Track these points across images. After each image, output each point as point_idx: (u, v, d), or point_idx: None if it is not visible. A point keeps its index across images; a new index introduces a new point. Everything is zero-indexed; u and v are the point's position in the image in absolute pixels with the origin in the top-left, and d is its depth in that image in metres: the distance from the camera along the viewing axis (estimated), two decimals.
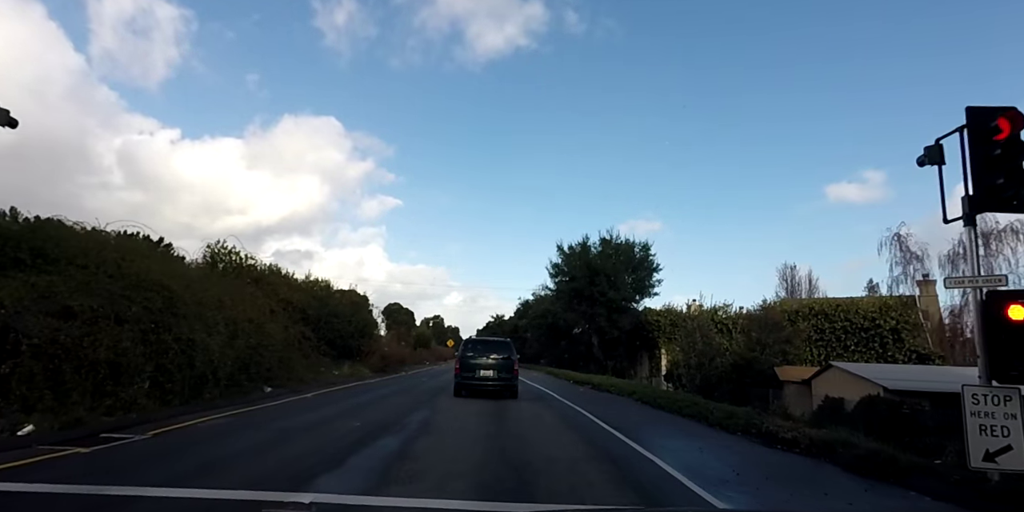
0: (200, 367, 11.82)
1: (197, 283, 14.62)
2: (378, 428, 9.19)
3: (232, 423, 9.59)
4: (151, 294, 11.55)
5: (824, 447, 8.02)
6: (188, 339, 11.87)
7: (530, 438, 8.69)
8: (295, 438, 8.21)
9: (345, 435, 8.46)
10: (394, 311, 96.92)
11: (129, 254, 12.96)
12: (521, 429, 9.58)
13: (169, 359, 10.97)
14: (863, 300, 31.55)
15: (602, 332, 37.16)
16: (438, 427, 9.62)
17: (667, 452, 7.82)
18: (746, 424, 10.05)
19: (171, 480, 5.29)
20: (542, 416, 11.68)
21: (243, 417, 10.42)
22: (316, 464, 6.24)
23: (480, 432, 9.03)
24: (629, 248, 38.61)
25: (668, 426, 11.05)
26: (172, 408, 10.80)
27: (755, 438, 9.39)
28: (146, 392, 10.29)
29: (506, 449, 7.69)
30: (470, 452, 7.45)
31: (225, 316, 14.80)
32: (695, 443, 8.89)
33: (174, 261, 18.35)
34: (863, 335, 30.30)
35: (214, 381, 12.38)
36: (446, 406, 13.11)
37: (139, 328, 10.76)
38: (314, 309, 25.08)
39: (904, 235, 31.32)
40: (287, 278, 25.88)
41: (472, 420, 10.75)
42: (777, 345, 22.06)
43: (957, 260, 29.94)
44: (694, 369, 23.77)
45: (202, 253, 22.66)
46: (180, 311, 12.39)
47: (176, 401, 11.10)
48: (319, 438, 8.21)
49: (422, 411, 12.00)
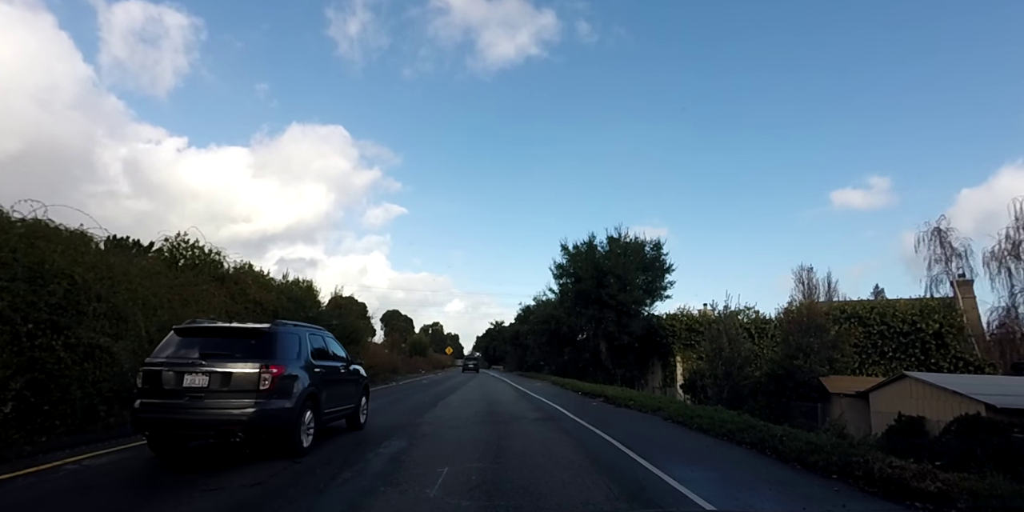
0: (102, 382, 8.95)
1: (132, 277, 11.77)
2: (325, 469, 6.33)
3: (107, 467, 6.71)
4: (45, 285, 8.72)
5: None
6: (89, 344, 9.01)
7: (543, 492, 5.79)
8: (172, 498, 5.32)
9: (261, 489, 5.59)
10: (392, 318, 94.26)
11: (40, 241, 10.13)
12: (530, 474, 6.67)
13: (49, 372, 8.09)
14: (900, 302, 28.65)
15: (611, 338, 34.19)
16: (411, 471, 6.73)
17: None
18: (842, 463, 7.15)
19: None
20: (556, 449, 8.77)
21: (139, 454, 7.51)
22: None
23: (469, 482, 6.13)
24: (639, 247, 35.76)
25: (729, 464, 8.13)
26: (53, 439, 7.92)
27: (864, 486, 6.49)
28: (6, 418, 7.39)
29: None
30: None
31: (166, 317, 11.96)
32: (788, 500, 5.99)
33: (117, 252, 15.56)
34: (901, 340, 27.43)
35: (124, 400, 9.48)
36: (430, 432, 10.20)
37: (9, 330, 7.91)
38: (289, 312, 22.17)
39: (945, 230, 28.43)
40: (259, 277, 22.98)
41: (464, 455, 7.85)
42: (823, 351, 19.10)
43: (1004, 258, 27.15)
44: (721, 379, 20.84)
45: (160, 247, 19.93)
46: (87, 308, 9.56)
47: (62, 429, 8.22)
48: (220, 495, 5.34)
49: (397, 440, 9.11)
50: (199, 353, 7.12)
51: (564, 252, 38.26)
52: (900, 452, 8.69)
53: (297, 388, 7.48)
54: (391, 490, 5.71)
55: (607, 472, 6.90)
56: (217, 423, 6.76)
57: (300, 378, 7.66)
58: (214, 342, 7.42)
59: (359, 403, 10.44)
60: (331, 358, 9.29)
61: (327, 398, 8.48)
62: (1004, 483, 5.70)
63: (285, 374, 7.27)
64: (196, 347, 7.24)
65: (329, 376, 8.78)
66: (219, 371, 6.93)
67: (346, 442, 8.84)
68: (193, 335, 7.52)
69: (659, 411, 14.24)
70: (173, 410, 6.79)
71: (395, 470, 6.68)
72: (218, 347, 7.28)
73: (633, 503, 5.53)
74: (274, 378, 7.03)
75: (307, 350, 8.26)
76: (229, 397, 6.85)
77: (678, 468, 7.26)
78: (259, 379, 6.93)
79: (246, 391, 6.88)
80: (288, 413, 7.19)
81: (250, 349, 7.26)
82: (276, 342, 7.56)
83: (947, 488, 5.71)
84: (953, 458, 9.46)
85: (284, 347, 7.66)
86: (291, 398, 7.30)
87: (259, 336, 7.51)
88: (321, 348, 9.00)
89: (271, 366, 7.07)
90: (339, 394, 9.22)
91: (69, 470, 6.44)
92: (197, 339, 7.43)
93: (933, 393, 12.72)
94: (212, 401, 6.82)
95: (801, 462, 7.74)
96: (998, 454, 9.76)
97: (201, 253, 20.17)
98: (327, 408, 8.53)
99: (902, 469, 6.39)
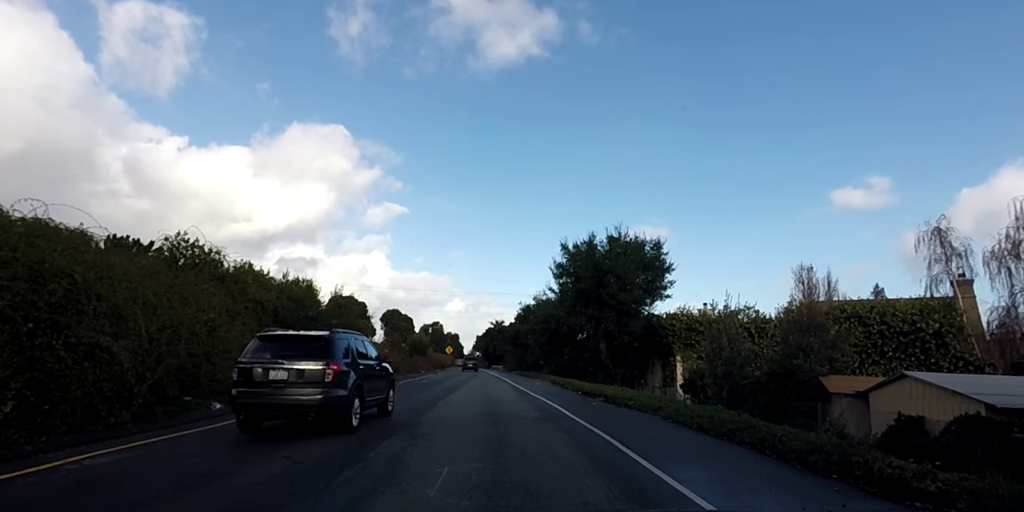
0: (102, 382, 8.95)
1: (132, 276, 11.75)
2: (324, 469, 6.34)
3: (106, 467, 6.71)
4: (46, 284, 8.72)
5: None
6: (89, 344, 9.00)
7: (543, 492, 5.79)
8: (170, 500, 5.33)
9: (261, 488, 5.59)
10: (392, 317, 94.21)
11: (40, 240, 10.12)
12: (530, 474, 6.68)
13: (49, 371, 8.09)
14: (900, 301, 28.63)
15: (611, 337, 34.17)
16: (411, 471, 6.73)
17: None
18: (842, 462, 7.15)
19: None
20: (556, 448, 8.77)
21: (140, 454, 7.52)
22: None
23: (469, 482, 6.14)
24: (639, 246, 35.72)
25: (729, 464, 8.13)
26: (53, 438, 7.92)
27: (864, 486, 6.49)
28: (6, 418, 7.39)
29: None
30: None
31: (166, 317, 11.97)
32: (788, 500, 6.00)
33: (117, 251, 15.56)
34: (901, 340, 27.40)
35: (125, 399, 9.50)
36: (429, 432, 10.20)
37: (9, 329, 7.91)
38: (289, 311, 22.19)
39: (945, 229, 28.39)
40: (259, 276, 22.98)
41: (464, 455, 7.86)
42: (823, 351, 19.07)
43: (1004, 257, 27.12)
44: (721, 379, 20.82)
45: (160, 246, 19.93)
46: (87, 308, 9.56)
47: (62, 428, 8.22)
48: (219, 496, 5.34)
49: (397, 440, 9.11)
50: (278, 354, 9.20)
51: (564, 251, 38.26)
52: (900, 452, 8.68)
53: (349, 381, 9.49)
54: (391, 490, 5.71)
55: (607, 472, 6.90)
56: (295, 407, 8.92)
57: (351, 373, 9.63)
58: (288, 346, 9.48)
59: (388, 394, 12.48)
60: (368, 358, 11.19)
61: (368, 389, 10.47)
62: (1004, 483, 5.69)
63: (341, 370, 9.29)
64: (275, 350, 9.33)
65: (368, 372, 10.73)
66: (295, 368, 9.03)
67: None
68: (271, 341, 9.62)
69: (659, 411, 14.24)
70: (262, 397, 8.96)
71: (395, 470, 6.68)
72: (291, 350, 9.32)
73: (633, 503, 5.53)
74: (335, 373, 9.10)
75: (353, 351, 10.23)
76: (303, 387, 8.95)
77: (678, 468, 7.27)
78: (324, 374, 9.01)
79: (315, 383, 8.97)
80: (344, 400, 9.28)
81: (315, 351, 9.28)
82: (333, 345, 9.52)
83: (947, 488, 5.71)
84: (953, 458, 9.44)
85: (338, 349, 9.59)
86: (346, 388, 9.35)
87: (321, 341, 9.55)
88: (362, 350, 10.95)
89: (331, 364, 9.14)
90: (375, 386, 11.24)
91: (69, 470, 6.44)
92: (274, 344, 9.53)
93: (933, 393, 12.71)
94: (291, 390, 8.94)
95: (801, 462, 7.74)
96: (998, 454, 9.75)
97: (201, 252, 20.19)
98: (368, 397, 10.56)
99: (902, 469, 6.39)
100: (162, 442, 8.41)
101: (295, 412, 9.02)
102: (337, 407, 9.12)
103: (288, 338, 9.80)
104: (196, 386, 13.30)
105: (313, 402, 8.84)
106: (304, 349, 9.36)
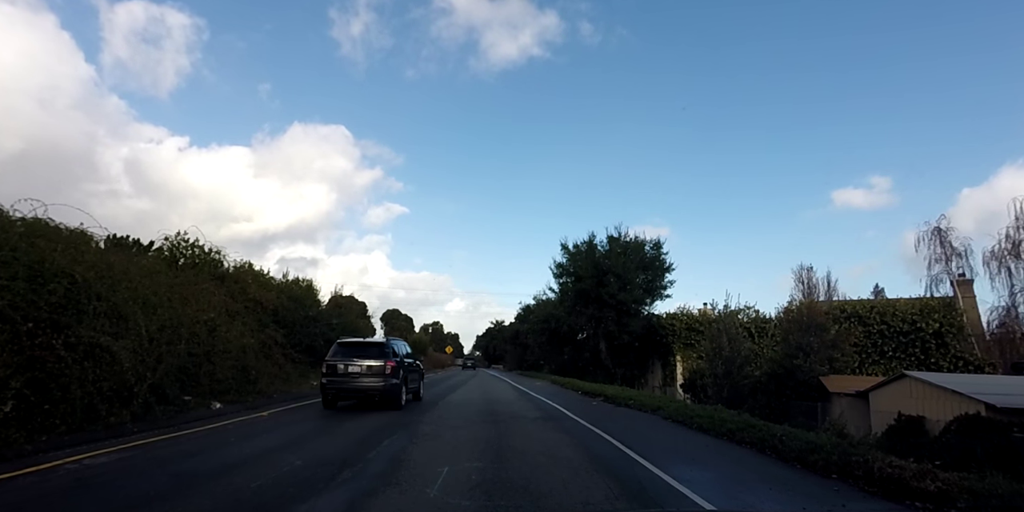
0: (102, 381, 8.94)
1: (132, 276, 11.75)
2: (324, 469, 6.34)
3: (106, 466, 6.70)
4: (46, 284, 8.71)
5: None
6: (89, 343, 9.00)
7: (543, 492, 5.80)
8: (179, 497, 5.32)
9: (266, 487, 5.59)
10: (392, 317, 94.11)
11: (40, 240, 10.11)
12: (530, 474, 6.68)
13: (50, 371, 8.09)
14: (900, 301, 28.64)
15: (611, 337, 34.17)
16: (410, 470, 6.73)
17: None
18: (842, 462, 7.15)
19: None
20: (556, 448, 8.77)
21: (140, 454, 7.52)
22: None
23: (469, 481, 6.14)
24: (639, 246, 35.72)
25: (729, 463, 8.13)
26: (53, 438, 7.92)
27: (864, 486, 6.49)
28: (6, 418, 7.39)
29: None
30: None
31: (166, 316, 11.96)
32: (788, 500, 6.00)
33: (117, 251, 15.56)
34: (901, 340, 27.43)
35: (125, 399, 9.50)
36: (429, 431, 10.20)
37: (9, 329, 7.91)
38: (289, 311, 22.19)
39: (945, 229, 28.39)
40: (259, 276, 22.98)
41: (464, 455, 7.86)
42: (823, 350, 19.05)
43: (1004, 257, 27.10)
44: (721, 378, 20.82)
45: (160, 246, 19.93)
46: (87, 307, 9.55)
47: (62, 428, 8.22)
48: (219, 496, 5.34)
49: (397, 439, 9.11)
50: (352, 355, 13.17)
51: (564, 251, 38.27)
52: (900, 452, 8.69)
53: (399, 373, 13.41)
54: (391, 489, 5.71)
55: (607, 472, 6.90)
56: (366, 390, 13.08)
57: (399, 367, 13.50)
58: (358, 348, 13.56)
59: (420, 384, 16.99)
60: (408, 357, 15.23)
61: (409, 380, 14.45)
62: (1004, 482, 5.71)
63: (395, 365, 13.22)
64: (349, 351, 13.36)
65: (408, 367, 14.72)
66: (365, 363, 13.03)
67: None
68: (346, 345, 13.77)
69: (659, 410, 14.24)
70: (343, 383, 13.04)
71: (395, 469, 6.68)
72: (360, 351, 13.37)
73: (633, 503, 5.53)
74: (391, 368, 13.11)
75: (400, 352, 14.24)
76: (371, 377, 12.95)
77: (678, 468, 7.27)
78: (384, 368, 13.01)
79: (379, 374, 12.97)
80: (397, 386, 13.32)
81: (376, 352, 13.32)
82: (388, 348, 13.66)
83: (947, 488, 5.71)
84: (953, 458, 9.45)
85: (391, 350, 13.61)
86: (398, 378, 13.31)
87: (380, 345, 13.86)
88: (404, 351, 14.91)
89: (388, 362, 13.11)
90: (412, 377, 15.26)
91: (69, 469, 6.44)
92: (349, 347, 13.60)
93: (933, 393, 12.70)
94: (363, 379, 12.97)
95: (801, 462, 7.74)
96: (998, 453, 9.77)
97: (201, 252, 20.21)
98: (408, 385, 14.39)
99: (902, 469, 6.39)
100: (162, 442, 8.41)
101: (365, 394, 13.21)
102: (393, 391, 13.13)
103: (358, 344, 13.93)
104: (196, 385, 13.29)
105: (378, 388, 12.93)
106: (369, 351, 13.34)
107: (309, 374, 21.70)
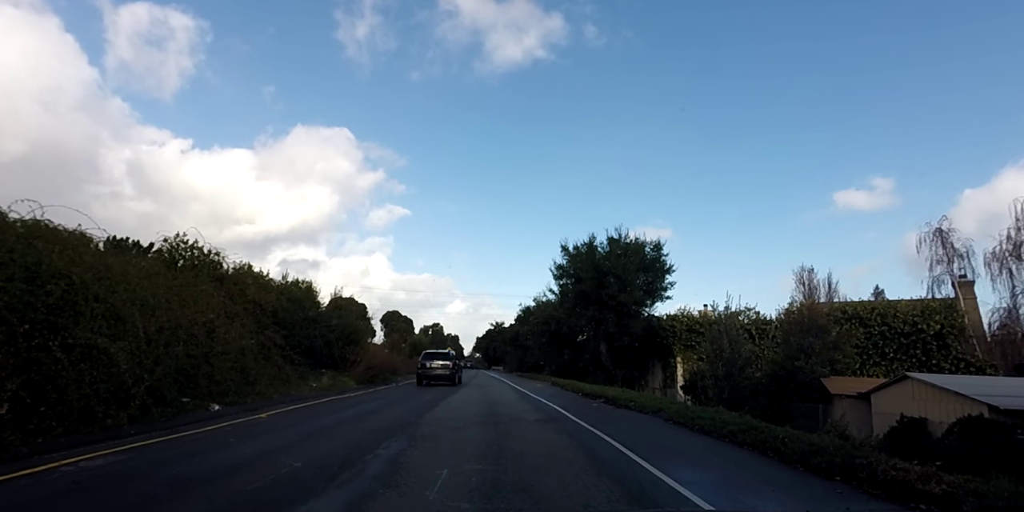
0: (100, 383, 8.88)
1: (131, 278, 11.69)
2: (322, 471, 6.27)
3: (103, 468, 6.64)
4: (43, 286, 8.65)
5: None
6: (86, 345, 8.95)
7: (544, 494, 5.74)
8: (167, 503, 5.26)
9: (264, 489, 5.53)
10: (392, 319, 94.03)
11: (38, 241, 10.06)
12: (530, 476, 6.62)
13: (46, 372, 8.03)
14: (901, 303, 28.56)
15: (611, 338, 34.10)
16: (410, 473, 6.67)
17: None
18: (845, 464, 7.08)
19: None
20: (556, 450, 8.71)
21: (137, 456, 7.46)
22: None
23: (469, 484, 6.08)
24: (639, 247, 35.65)
25: (731, 465, 8.07)
26: (50, 440, 7.86)
27: (868, 488, 6.43)
28: (1, 420, 7.33)
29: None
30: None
31: (165, 318, 11.91)
32: (791, 503, 5.93)
33: (116, 253, 15.52)
34: (902, 341, 27.35)
35: (123, 401, 9.43)
36: (429, 433, 10.14)
37: (5, 330, 7.86)
38: (288, 312, 22.13)
39: (946, 230, 28.39)
40: (259, 277, 22.93)
41: (464, 457, 7.80)
42: (824, 352, 18.98)
43: (1005, 258, 27.04)
44: (722, 380, 20.75)
45: (159, 247, 19.88)
46: (85, 309, 9.49)
47: (59, 430, 8.16)
48: (216, 498, 5.28)
49: (396, 441, 9.05)
50: (433, 358, 29.16)
51: (564, 253, 38.20)
52: (903, 454, 8.62)
53: (456, 367, 30.17)
54: (390, 492, 5.65)
55: (608, 474, 6.84)
56: (442, 376, 27.91)
57: (455, 365, 29.73)
58: (435, 354, 29.96)
59: (460, 373, 32.65)
60: (456, 358, 31.49)
61: (458, 371, 30.87)
62: (1009, 485, 5.64)
63: (454, 364, 29.19)
64: (430, 356, 29.49)
65: (456, 365, 30.34)
66: (441, 362, 28.47)
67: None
68: (429, 354, 30.37)
69: (660, 412, 14.18)
70: (430, 372, 27.93)
71: (394, 472, 6.62)
72: (436, 356, 29.41)
73: (634, 505, 5.48)
74: (454, 365, 29.21)
75: (450, 357, 29.66)
76: (445, 370, 28.07)
77: (679, 470, 7.21)
78: (453, 365, 28.86)
79: (445, 368, 28.18)
80: (456, 374, 29.60)
81: (443, 356, 29.58)
82: (450, 354, 30.19)
83: (952, 490, 5.65)
84: (957, 460, 9.38)
85: (452, 355, 30.23)
86: (458, 370, 30.91)
87: (445, 353, 30.53)
88: (454, 355, 31.54)
89: (451, 362, 28.88)
90: (459, 369, 31.84)
91: (65, 472, 6.38)
92: (430, 354, 29.99)
93: (935, 394, 12.63)
94: (440, 371, 27.98)
95: (804, 464, 7.67)
96: (1002, 455, 9.71)
97: (200, 254, 20.14)
98: (458, 374, 30.38)
99: (906, 471, 6.33)
100: (159, 444, 8.35)
101: (441, 378, 27.47)
102: (453, 377, 28.17)
103: (434, 352, 30.27)
104: (194, 387, 13.21)
105: (447, 374, 27.71)
106: (441, 356, 29.02)
107: (308, 376, 21.65)
